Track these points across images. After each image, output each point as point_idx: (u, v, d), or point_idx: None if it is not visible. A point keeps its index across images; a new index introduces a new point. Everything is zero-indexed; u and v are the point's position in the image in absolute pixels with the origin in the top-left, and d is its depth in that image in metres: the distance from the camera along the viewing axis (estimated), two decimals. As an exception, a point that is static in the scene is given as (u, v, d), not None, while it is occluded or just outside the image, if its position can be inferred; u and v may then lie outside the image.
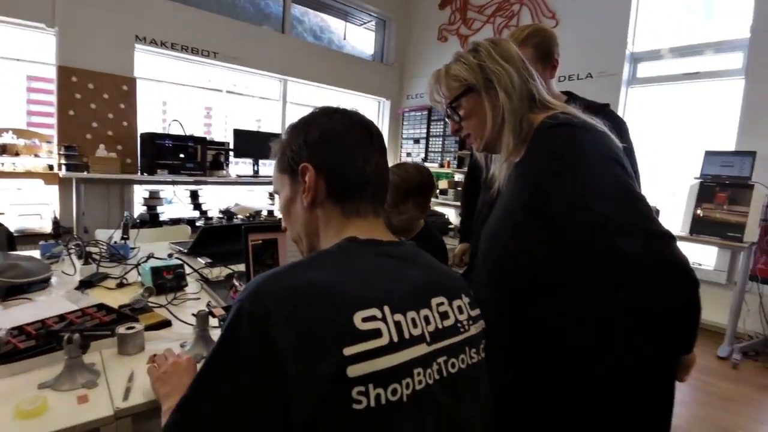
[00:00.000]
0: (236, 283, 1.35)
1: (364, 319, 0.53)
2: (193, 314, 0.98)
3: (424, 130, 5.45)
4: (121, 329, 0.94)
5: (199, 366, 0.76)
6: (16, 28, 3.42)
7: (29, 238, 3.33)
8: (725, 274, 3.39)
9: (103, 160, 3.44)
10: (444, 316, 0.63)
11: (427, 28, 5.56)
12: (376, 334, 0.53)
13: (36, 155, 3.61)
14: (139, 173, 3.68)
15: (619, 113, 3.90)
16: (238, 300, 0.53)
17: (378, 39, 5.98)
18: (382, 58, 5.93)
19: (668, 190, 3.71)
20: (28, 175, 3.49)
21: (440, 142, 5.28)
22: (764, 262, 3.02)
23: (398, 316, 0.56)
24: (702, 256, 3.56)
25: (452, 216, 4.89)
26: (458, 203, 4.59)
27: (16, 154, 3.52)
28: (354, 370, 0.50)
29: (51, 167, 3.55)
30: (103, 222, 3.68)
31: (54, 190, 3.59)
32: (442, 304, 0.64)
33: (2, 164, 3.42)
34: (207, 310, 0.97)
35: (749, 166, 3.06)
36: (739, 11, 3.41)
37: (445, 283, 0.68)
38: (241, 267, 1.62)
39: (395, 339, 0.54)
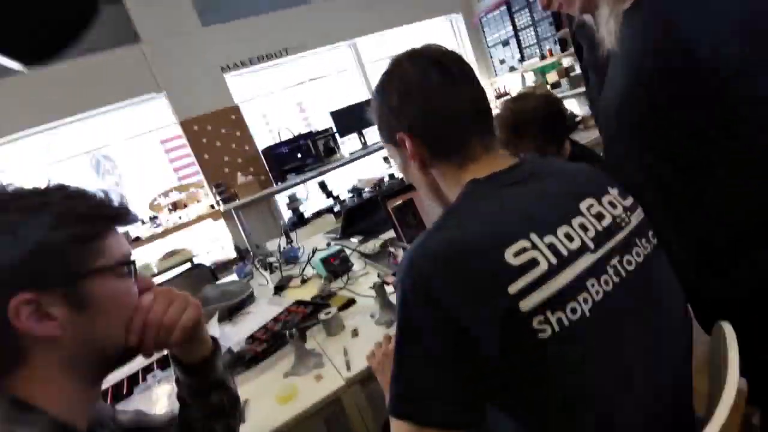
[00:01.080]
0: (392, 249, 1.46)
1: (516, 254, 0.52)
2: (370, 287, 1.10)
3: (510, 28, 4.89)
4: (322, 315, 1.11)
5: (392, 331, 0.85)
6: (138, 105, 4.06)
7: (222, 266, 4.07)
8: None
9: (245, 185, 3.96)
10: (599, 216, 0.59)
11: None
12: (533, 263, 0.52)
13: (198, 201, 4.33)
14: (274, 184, 4.14)
15: None
16: (398, 280, 0.56)
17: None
18: (437, -30, 5.43)
19: None
20: (199, 219, 4.21)
21: (532, 33, 4.69)
22: None
23: (549, 238, 0.54)
24: None
25: (575, 107, 4.36)
26: (577, 91, 4.09)
27: (185, 206, 4.27)
28: (525, 304, 0.51)
29: (212, 206, 4.22)
30: (265, 234, 4.26)
31: (221, 223, 4.28)
32: (592, 206, 0.60)
33: (180, 218, 4.18)
34: (380, 280, 1.07)
35: None
36: None
37: (585, 182, 0.63)
38: (391, 233, 1.74)
39: (554, 261, 0.53)
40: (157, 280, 3.81)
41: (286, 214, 4.37)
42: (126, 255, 0.56)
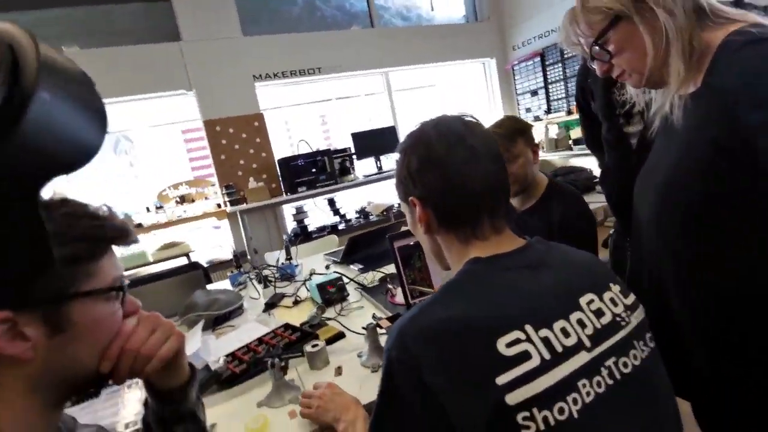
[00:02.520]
0: (390, 287, 1.42)
1: (508, 344, 0.51)
2: (363, 327, 1.06)
3: (541, 79, 4.95)
4: (308, 348, 1.07)
5: (377, 376, 0.82)
6: (167, 98, 4.14)
7: (218, 266, 4.03)
8: None
9: (255, 191, 3.97)
10: (599, 313, 0.57)
11: (519, -34, 5.02)
12: (525, 356, 0.51)
13: (206, 198, 4.34)
14: (284, 194, 4.14)
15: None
16: (386, 349, 0.55)
17: (467, -3, 5.63)
18: (476, 16, 5.56)
19: None
20: (204, 216, 4.20)
21: (562, 87, 4.74)
22: None
23: (544, 332, 0.53)
24: None
25: (594, 167, 4.35)
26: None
27: (192, 201, 4.28)
28: (513, 398, 0.49)
29: (219, 205, 4.22)
30: (266, 241, 4.25)
31: (225, 223, 4.27)
32: (592, 301, 0.58)
33: (185, 211, 4.18)
34: (374, 323, 1.04)
35: None
36: None
37: (588, 276, 0.62)
38: (391, 267, 1.71)
39: (547, 356, 0.51)
40: (151, 269, 3.79)
41: (290, 225, 4.36)
42: (118, 278, 0.53)
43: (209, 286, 2.00)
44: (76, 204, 0.51)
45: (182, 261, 3.86)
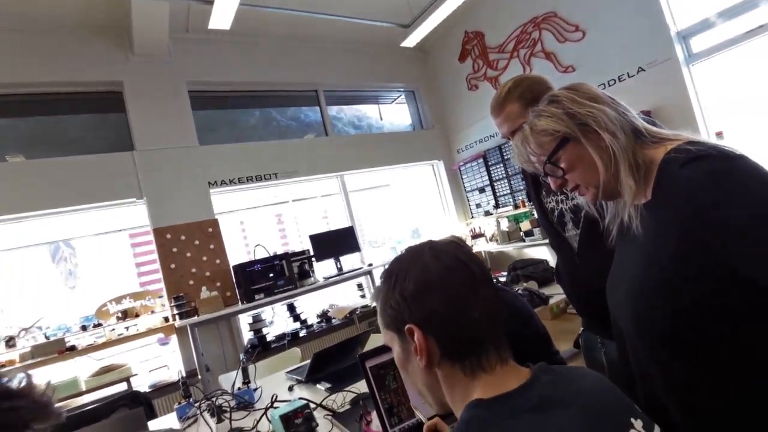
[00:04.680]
0: (365, 413, 1.29)
1: None
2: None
3: (486, 177, 5.35)
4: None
5: None
6: (115, 207, 4.00)
7: (162, 390, 3.59)
8: None
9: (208, 301, 3.72)
10: None
11: (455, 83, 5.68)
12: None
13: (152, 312, 4.01)
14: (240, 303, 3.91)
15: (692, 92, 3.58)
16: None
17: (412, 109, 6.20)
18: (422, 124, 6.10)
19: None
20: (150, 332, 3.84)
21: (506, 184, 5.12)
22: None
23: None
24: None
25: (547, 255, 4.53)
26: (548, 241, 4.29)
27: (136, 315, 3.93)
28: None
29: (167, 319, 3.90)
30: (220, 357, 3.90)
31: (174, 339, 3.91)
32: None
33: (127, 329, 3.81)
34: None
35: None
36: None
37: (605, 412, 0.55)
38: (363, 385, 1.58)
39: None
40: (84, 399, 3.30)
41: (247, 336, 4.06)
42: None
43: (153, 423, 1.74)
44: None
45: (121, 386, 3.42)
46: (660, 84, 3.70)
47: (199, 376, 3.69)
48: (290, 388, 1.85)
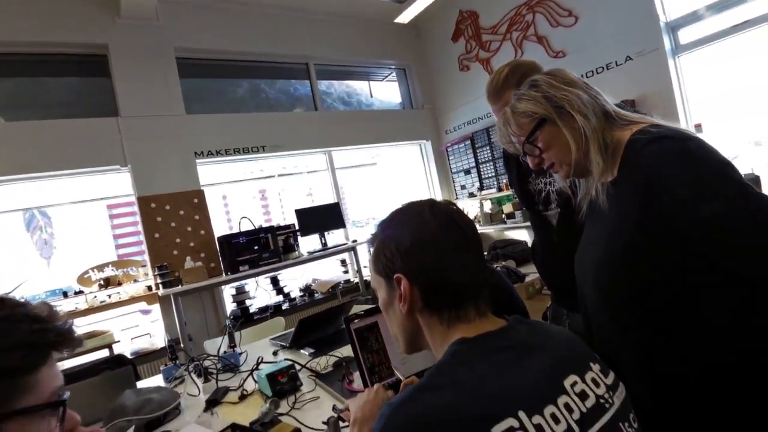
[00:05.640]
0: (347, 373, 1.36)
1: None
2: (324, 422, 0.99)
3: (472, 159, 5.41)
4: (262, 451, 0.97)
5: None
6: (98, 174, 3.93)
7: (146, 357, 3.63)
8: None
9: (192, 271, 3.74)
10: (582, 396, 0.58)
11: (447, 62, 5.67)
12: None
13: (135, 280, 4.00)
14: (224, 274, 3.94)
15: (675, 84, 3.67)
16: None
17: (403, 87, 6.17)
18: (412, 103, 6.09)
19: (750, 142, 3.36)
20: (132, 300, 3.86)
21: (491, 167, 5.19)
22: None
23: (537, 418, 0.52)
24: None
25: (528, 239, 4.66)
26: (529, 224, 4.40)
27: (119, 284, 3.92)
28: None
29: (150, 288, 3.91)
30: (203, 326, 3.94)
31: (156, 308, 3.93)
32: (575, 383, 0.59)
33: (110, 296, 3.81)
34: (335, 415, 0.97)
35: None
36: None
37: (569, 356, 0.63)
38: (345, 350, 1.65)
39: None
40: (66, 365, 3.31)
41: (230, 307, 4.11)
42: (57, 391, 0.47)
43: (139, 383, 1.79)
44: (12, 304, 0.46)
45: (104, 353, 3.44)
46: (646, 74, 3.77)
47: (182, 345, 3.73)
48: (275, 353, 1.91)
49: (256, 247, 3.94)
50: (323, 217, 4.54)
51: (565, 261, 1.07)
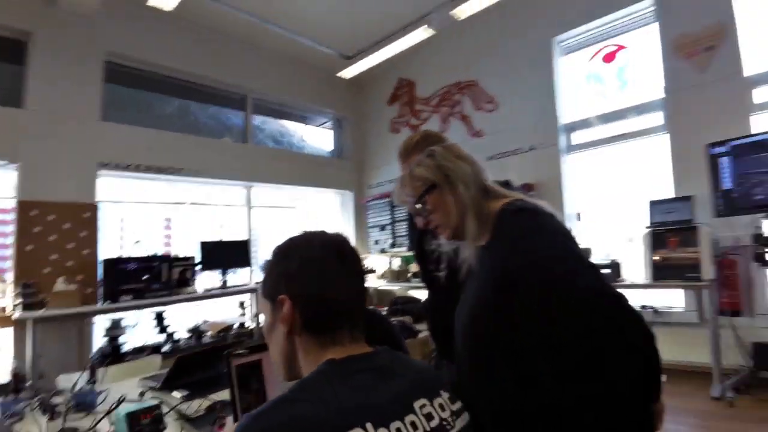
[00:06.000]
0: (220, 417, 1.26)
1: None
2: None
3: (388, 217, 5.61)
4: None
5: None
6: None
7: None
8: (696, 314, 3.45)
9: (62, 295, 3.27)
10: (428, 417, 0.66)
11: (380, 122, 6.01)
12: None
13: (-12, 299, 3.40)
14: (101, 302, 3.50)
15: (563, 177, 4.24)
16: None
17: (336, 137, 6.36)
18: (341, 153, 6.26)
19: (625, 238, 3.92)
20: (-22, 321, 3.25)
21: (405, 226, 5.42)
22: (727, 296, 3.07)
23: (382, 430, 0.59)
24: (670, 299, 3.67)
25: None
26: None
27: (-34, 301, 3.30)
28: None
29: (3, 309, 3.33)
30: (59, 364, 3.38)
31: (9, 332, 3.32)
32: (424, 405, 0.67)
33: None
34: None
35: (689, 209, 3.31)
36: (652, 76, 3.89)
37: (424, 383, 0.71)
38: (221, 395, 1.53)
39: None
40: None
41: (99, 342, 3.58)
42: None
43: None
44: None
45: None
46: (543, 163, 4.34)
47: (29, 381, 3.16)
48: (141, 394, 1.71)
49: (145, 276, 3.60)
50: (230, 254, 4.33)
51: (447, 316, 1.14)
